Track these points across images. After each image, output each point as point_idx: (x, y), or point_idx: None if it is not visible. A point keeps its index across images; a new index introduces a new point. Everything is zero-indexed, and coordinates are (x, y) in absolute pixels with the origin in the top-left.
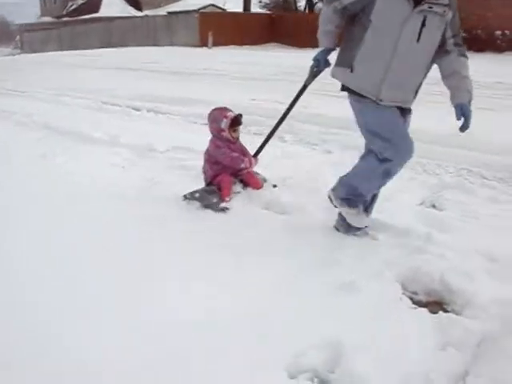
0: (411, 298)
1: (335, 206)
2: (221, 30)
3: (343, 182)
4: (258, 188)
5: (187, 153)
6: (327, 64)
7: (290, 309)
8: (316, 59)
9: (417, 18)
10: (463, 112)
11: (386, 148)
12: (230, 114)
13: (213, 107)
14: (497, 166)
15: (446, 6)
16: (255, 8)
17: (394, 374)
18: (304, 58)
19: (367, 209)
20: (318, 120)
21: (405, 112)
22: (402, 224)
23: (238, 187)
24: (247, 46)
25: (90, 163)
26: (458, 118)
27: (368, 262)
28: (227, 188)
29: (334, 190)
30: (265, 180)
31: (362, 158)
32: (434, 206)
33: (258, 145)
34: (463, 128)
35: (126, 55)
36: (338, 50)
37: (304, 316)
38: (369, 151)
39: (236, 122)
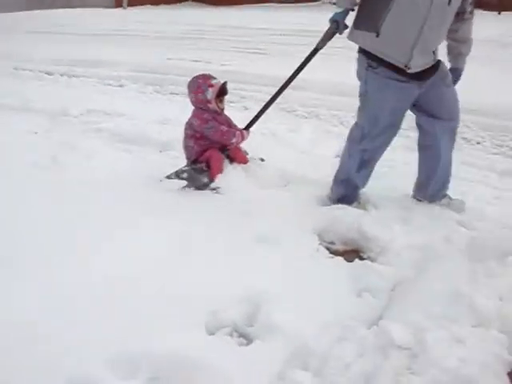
0: (328, 248)
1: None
2: None
3: (335, 178)
4: (244, 163)
5: (102, 116)
6: (346, 26)
7: (205, 265)
8: (334, 20)
9: None
10: (458, 76)
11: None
12: (217, 83)
13: (195, 74)
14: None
15: None
16: None
17: (312, 323)
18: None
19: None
20: (235, 77)
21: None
22: (318, 176)
23: (227, 163)
24: (163, 6)
25: (1, 131)
26: (452, 79)
27: (285, 214)
28: (218, 166)
29: (331, 190)
30: (246, 153)
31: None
32: None
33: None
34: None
35: (36, 18)
36: (356, 10)
37: (220, 272)
38: (355, 124)
39: (223, 91)
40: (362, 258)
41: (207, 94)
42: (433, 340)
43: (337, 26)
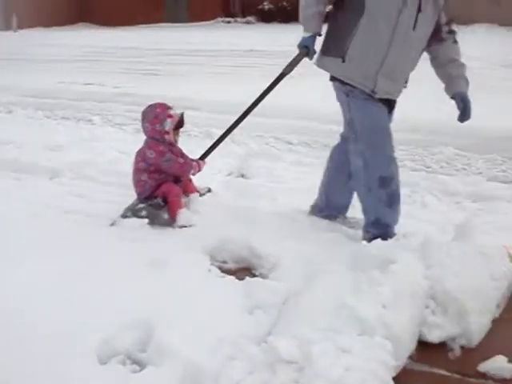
0: (220, 268)
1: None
2: (27, 11)
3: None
4: (195, 193)
5: None
6: (315, 52)
7: (95, 293)
8: (303, 46)
9: (412, 4)
10: (464, 101)
11: (362, 151)
12: (176, 114)
13: (150, 102)
14: (302, 131)
15: None
16: None
17: (204, 343)
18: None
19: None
20: (128, 99)
21: (392, 104)
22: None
23: (184, 197)
24: (55, 27)
25: None
26: (459, 108)
27: (177, 236)
28: (177, 202)
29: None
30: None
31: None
32: (242, 176)
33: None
34: (463, 118)
35: None
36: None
37: (111, 298)
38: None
39: (181, 122)
40: (253, 275)
41: (165, 125)
42: (319, 352)
43: (307, 51)
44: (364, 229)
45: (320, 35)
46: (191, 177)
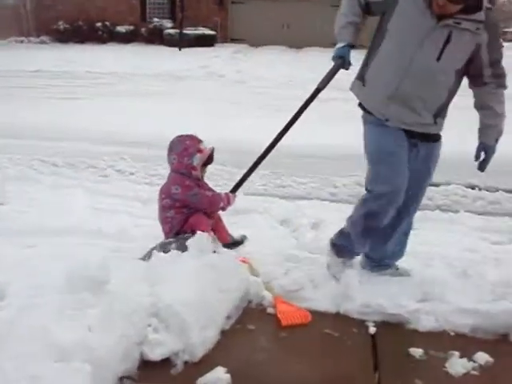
0: None
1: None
2: None
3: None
4: (226, 241)
5: None
6: (350, 63)
7: None
8: (338, 57)
9: (440, 33)
10: (486, 151)
11: (371, 179)
12: (206, 149)
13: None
14: (69, 152)
15: (479, 22)
16: None
17: None
18: None
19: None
20: None
21: (421, 139)
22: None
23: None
24: None
25: None
26: (477, 157)
27: None
28: (206, 229)
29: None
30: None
31: None
32: None
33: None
34: (482, 167)
35: None
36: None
37: None
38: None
39: (210, 158)
40: None
41: (194, 160)
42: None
43: (342, 62)
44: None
45: (354, 46)
46: (224, 225)
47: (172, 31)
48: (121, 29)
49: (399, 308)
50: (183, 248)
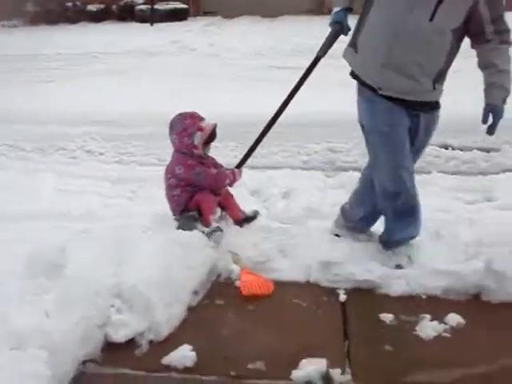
0: None
1: None
2: None
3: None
4: (237, 220)
5: None
6: (349, 28)
7: None
8: (336, 22)
9: None
10: (493, 113)
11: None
12: (207, 126)
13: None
14: (38, 136)
15: None
16: None
17: None
18: None
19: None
20: None
21: (422, 109)
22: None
23: (218, 210)
24: None
25: None
26: (484, 120)
27: None
28: (210, 208)
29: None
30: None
31: None
32: None
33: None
34: (490, 131)
35: None
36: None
37: None
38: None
39: (213, 135)
40: None
41: (195, 139)
42: None
43: (340, 27)
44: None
45: (352, 10)
46: (235, 200)
47: (143, 7)
48: (91, 7)
49: (369, 274)
50: (186, 228)
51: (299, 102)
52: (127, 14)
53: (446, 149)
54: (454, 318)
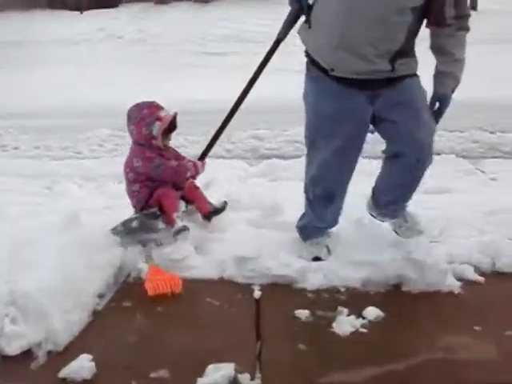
0: None
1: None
2: None
3: None
4: (204, 213)
5: None
6: (311, 6)
7: None
8: (294, 1)
9: None
10: (441, 102)
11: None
12: (167, 115)
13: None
14: None
15: None
16: None
17: None
18: None
19: None
20: None
21: (382, 86)
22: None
23: (182, 205)
24: None
25: None
26: (431, 108)
27: None
28: (172, 204)
29: None
30: (209, 202)
31: None
32: None
33: None
34: (436, 119)
35: None
36: None
37: None
38: None
39: (173, 124)
40: None
41: (153, 129)
42: None
43: (299, 5)
44: None
45: None
46: (203, 193)
47: None
48: None
49: (286, 268)
50: (145, 226)
51: (228, 88)
52: (57, 2)
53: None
54: (372, 312)
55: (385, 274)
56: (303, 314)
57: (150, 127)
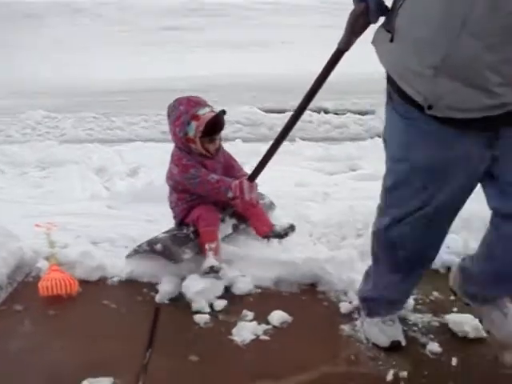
0: None
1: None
2: None
3: None
4: (265, 234)
5: None
6: (385, 8)
7: None
8: (359, 0)
9: None
10: None
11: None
12: (205, 114)
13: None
14: None
15: None
16: None
17: None
18: None
19: None
20: None
21: (504, 123)
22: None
23: (228, 225)
24: None
25: None
26: None
27: None
28: (209, 233)
29: None
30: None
31: None
32: None
33: None
34: None
35: None
36: None
37: None
38: None
39: (216, 126)
40: None
41: (188, 130)
42: None
43: (365, 6)
44: None
45: None
46: (260, 210)
47: None
48: None
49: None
50: (168, 251)
51: (168, 66)
52: None
53: (319, 113)
54: (278, 316)
55: (300, 273)
56: (202, 318)
57: (184, 128)
